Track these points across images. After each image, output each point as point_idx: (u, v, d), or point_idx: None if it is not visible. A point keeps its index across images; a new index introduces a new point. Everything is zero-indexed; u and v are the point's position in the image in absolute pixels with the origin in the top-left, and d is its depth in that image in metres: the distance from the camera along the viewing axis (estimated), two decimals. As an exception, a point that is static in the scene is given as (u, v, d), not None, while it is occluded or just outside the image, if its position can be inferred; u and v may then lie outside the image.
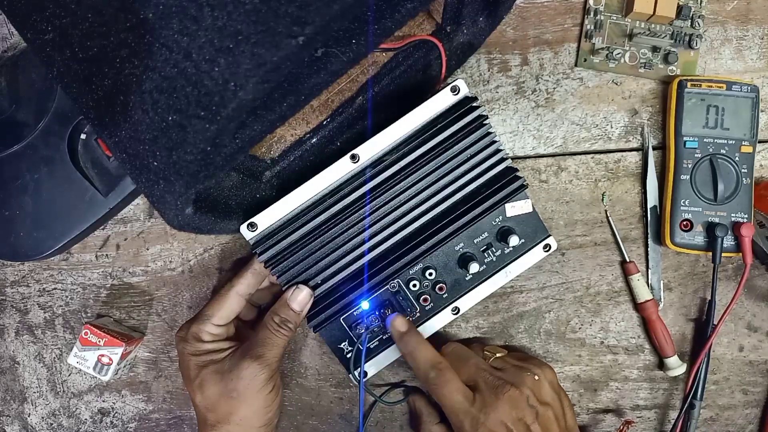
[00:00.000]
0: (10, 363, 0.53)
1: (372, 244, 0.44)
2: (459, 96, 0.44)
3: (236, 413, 0.42)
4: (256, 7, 0.26)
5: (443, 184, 0.45)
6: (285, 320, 0.43)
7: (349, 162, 0.43)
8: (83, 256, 0.52)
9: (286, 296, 0.44)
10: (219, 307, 0.44)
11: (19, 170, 0.47)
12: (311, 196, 0.43)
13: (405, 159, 0.44)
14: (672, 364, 0.50)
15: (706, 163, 0.49)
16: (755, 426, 0.52)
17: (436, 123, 0.44)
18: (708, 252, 0.49)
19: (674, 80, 0.49)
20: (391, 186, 0.44)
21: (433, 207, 0.45)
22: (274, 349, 0.43)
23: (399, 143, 0.44)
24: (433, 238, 0.45)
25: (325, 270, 0.44)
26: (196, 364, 0.44)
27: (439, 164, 0.44)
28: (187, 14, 0.27)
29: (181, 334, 0.45)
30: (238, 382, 0.42)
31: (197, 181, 0.31)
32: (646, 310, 0.50)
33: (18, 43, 0.51)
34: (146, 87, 0.28)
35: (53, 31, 0.32)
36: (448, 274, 0.47)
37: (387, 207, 0.44)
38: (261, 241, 0.43)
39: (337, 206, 0.43)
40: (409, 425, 0.52)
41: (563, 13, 0.51)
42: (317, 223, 0.44)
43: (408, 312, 0.47)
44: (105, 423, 0.53)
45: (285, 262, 0.44)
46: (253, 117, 0.32)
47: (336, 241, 0.44)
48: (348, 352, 0.47)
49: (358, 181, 0.44)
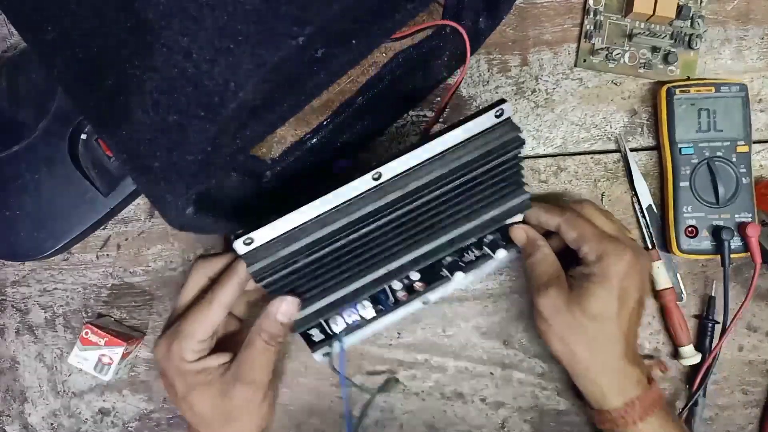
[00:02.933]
0: (10, 363, 0.53)
1: (374, 261, 0.43)
2: (501, 119, 0.40)
3: (232, 427, 0.42)
4: (257, 7, 0.26)
5: (457, 203, 0.43)
6: (273, 335, 0.40)
7: (371, 180, 0.38)
8: (84, 256, 0.52)
9: (273, 310, 0.40)
10: (202, 322, 0.40)
11: (20, 170, 0.47)
12: (319, 213, 0.39)
13: (435, 191, 0.40)
14: (687, 353, 0.50)
15: (704, 167, 0.49)
16: (755, 426, 0.52)
17: (471, 152, 0.40)
18: (716, 255, 0.49)
19: (662, 88, 0.49)
20: (411, 211, 0.40)
21: (441, 222, 0.43)
22: (266, 368, 0.41)
23: (428, 164, 0.39)
24: (430, 246, 0.44)
25: (319, 282, 0.42)
26: (184, 383, 0.41)
27: (460, 187, 0.41)
28: (187, 14, 0.27)
29: (163, 351, 0.41)
30: (232, 405, 0.41)
31: (198, 182, 0.31)
32: (665, 297, 0.50)
33: (18, 43, 0.51)
34: (147, 87, 0.29)
35: (53, 32, 0.32)
36: (430, 274, 0.46)
37: (400, 227, 0.41)
38: (253, 253, 0.39)
39: (350, 227, 0.39)
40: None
41: (563, 14, 0.51)
42: (322, 240, 0.39)
43: (383, 303, 0.46)
44: (106, 423, 0.53)
45: (278, 277, 0.40)
46: (254, 117, 0.32)
47: (338, 257, 0.41)
48: (318, 338, 0.45)
49: (377, 204, 0.39)
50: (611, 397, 0.42)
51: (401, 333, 0.52)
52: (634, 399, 0.42)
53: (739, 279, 0.51)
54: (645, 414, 0.42)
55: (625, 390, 0.42)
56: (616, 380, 0.43)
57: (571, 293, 0.42)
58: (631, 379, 0.43)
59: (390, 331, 0.52)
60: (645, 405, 0.42)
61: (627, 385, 0.42)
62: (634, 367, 0.43)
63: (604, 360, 0.42)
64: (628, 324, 0.42)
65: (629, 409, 0.42)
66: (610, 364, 0.42)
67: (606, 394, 0.43)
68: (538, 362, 0.52)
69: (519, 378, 0.52)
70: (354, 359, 0.52)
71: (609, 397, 0.42)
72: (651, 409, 0.42)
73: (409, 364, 0.52)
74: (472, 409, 0.52)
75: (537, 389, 0.52)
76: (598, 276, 0.41)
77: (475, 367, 0.52)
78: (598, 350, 0.42)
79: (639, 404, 0.42)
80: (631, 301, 0.42)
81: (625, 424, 0.42)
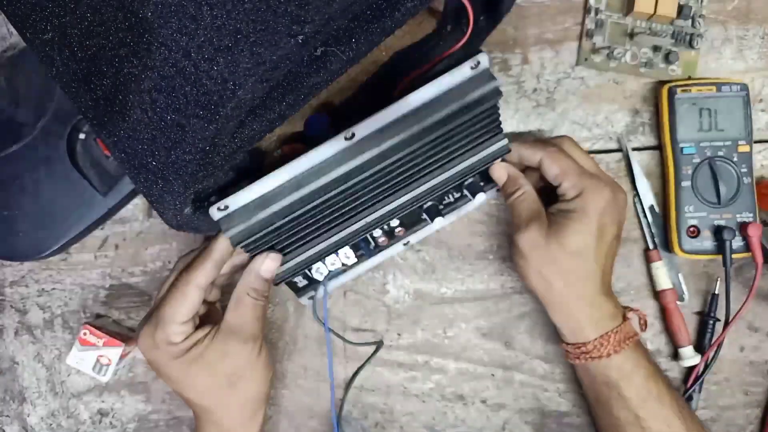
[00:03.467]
0: (9, 363, 0.53)
1: (352, 214, 0.42)
2: (477, 71, 0.39)
3: (243, 391, 0.43)
4: (256, 5, 0.26)
5: (434, 154, 0.42)
6: (260, 291, 0.42)
7: (343, 141, 0.38)
8: (82, 256, 0.52)
9: (256, 267, 0.41)
10: (182, 304, 0.40)
11: (18, 170, 0.47)
12: (293, 175, 0.38)
13: (409, 143, 0.40)
14: (686, 354, 0.50)
15: (706, 167, 0.49)
16: (756, 426, 0.51)
17: (448, 106, 0.39)
18: (718, 255, 0.48)
19: (663, 88, 0.49)
20: (386, 166, 0.40)
21: (419, 172, 0.43)
22: (257, 322, 0.42)
23: (403, 120, 0.39)
24: (409, 196, 0.44)
25: (298, 238, 0.42)
26: (179, 366, 0.41)
27: (437, 140, 0.41)
28: (186, 13, 0.27)
29: (148, 342, 0.41)
30: (233, 366, 0.42)
31: (196, 181, 0.31)
32: (665, 298, 0.50)
33: (17, 42, 0.51)
34: (145, 86, 0.28)
35: (52, 31, 0.32)
36: (410, 220, 0.47)
37: (377, 182, 0.41)
38: (228, 218, 0.39)
39: (326, 188, 0.39)
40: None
41: (564, 12, 0.51)
42: (298, 200, 0.39)
43: (362, 248, 0.47)
44: (104, 423, 0.53)
45: (255, 238, 0.40)
46: (252, 116, 0.31)
47: (315, 213, 0.41)
48: (302, 285, 0.46)
49: (353, 161, 0.38)
50: (587, 329, 0.44)
51: (401, 334, 0.52)
52: (609, 332, 0.43)
53: (740, 279, 0.51)
54: (619, 347, 0.43)
55: (600, 323, 0.43)
56: (591, 313, 0.44)
57: (550, 229, 0.43)
58: (606, 312, 0.44)
59: (390, 333, 0.52)
60: (619, 338, 0.43)
61: (602, 318, 0.44)
62: (609, 301, 0.44)
63: (580, 293, 0.43)
64: (604, 259, 0.44)
65: (604, 341, 0.43)
66: (586, 297, 0.44)
67: (582, 326, 0.44)
68: (540, 363, 0.51)
69: (520, 379, 0.52)
70: (353, 360, 0.52)
71: (584, 329, 0.44)
72: (625, 342, 0.43)
73: (409, 365, 0.52)
74: (472, 411, 0.52)
75: (538, 391, 0.51)
76: (577, 212, 0.43)
77: (475, 368, 0.52)
78: (575, 283, 0.43)
79: (613, 337, 0.43)
80: (608, 236, 0.43)
81: (599, 356, 0.43)
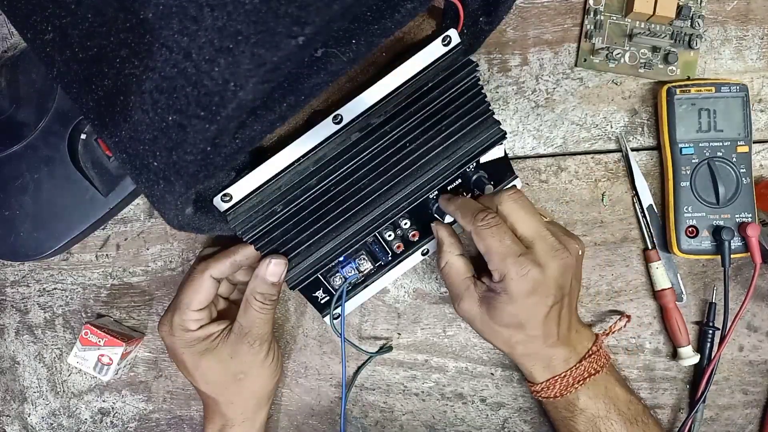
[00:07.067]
0: (10, 363, 0.53)
1: (355, 207, 0.43)
2: (450, 46, 0.41)
3: (248, 388, 0.46)
4: (256, 7, 0.26)
5: (426, 139, 0.43)
6: (266, 296, 0.43)
7: (332, 124, 0.40)
8: (83, 256, 0.52)
9: (262, 272, 0.42)
10: (195, 294, 0.43)
11: (19, 170, 0.47)
12: (290, 162, 0.40)
13: (394, 123, 0.42)
14: (685, 353, 0.50)
15: (704, 167, 0.49)
16: (755, 426, 0.52)
17: (425, 81, 0.41)
18: (717, 256, 0.49)
19: (662, 88, 0.49)
20: (376, 148, 0.42)
21: (415, 160, 0.43)
22: (265, 325, 0.44)
23: (386, 101, 0.41)
24: (410, 187, 0.44)
25: (304, 233, 0.43)
26: (192, 354, 0.44)
27: (425, 121, 0.42)
28: (187, 14, 0.27)
29: (166, 328, 0.44)
30: (241, 365, 0.44)
31: (197, 181, 0.31)
32: (664, 298, 0.50)
33: (18, 43, 0.51)
34: (146, 87, 0.29)
35: (53, 31, 0.32)
36: (421, 222, 0.47)
37: (371, 167, 0.43)
38: (235, 210, 0.41)
39: (319, 172, 0.41)
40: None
41: (563, 13, 0.51)
42: (297, 189, 0.41)
43: (380, 257, 0.47)
44: (105, 423, 0.53)
45: (261, 231, 0.42)
46: (253, 117, 0.32)
47: (317, 205, 0.42)
48: (322, 299, 0.47)
49: (343, 145, 0.41)
50: (535, 374, 0.46)
51: (401, 333, 0.52)
52: (556, 376, 0.45)
53: (739, 279, 0.51)
54: (566, 390, 0.44)
55: (549, 369, 0.45)
56: (538, 363, 0.45)
57: (482, 301, 0.44)
58: (556, 359, 0.45)
59: (390, 332, 0.52)
60: (566, 382, 0.44)
61: (552, 364, 0.45)
62: (563, 347, 0.45)
63: (523, 352, 0.45)
64: (547, 320, 0.42)
65: (551, 385, 0.45)
66: (530, 354, 0.45)
67: (530, 371, 0.46)
68: (538, 362, 0.52)
69: (519, 378, 0.52)
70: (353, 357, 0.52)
71: (532, 373, 0.46)
72: (578, 383, 0.44)
73: (409, 364, 0.52)
74: (472, 410, 0.52)
75: (537, 389, 0.52)
76: (503, 295, 0.42)
77: (475, 367, 0.52)
78: (516, 346, 0.44)
79: (560, 381, 0.44)
80: (546, 303, 0.42)
81: (547, 396, 0.45)
